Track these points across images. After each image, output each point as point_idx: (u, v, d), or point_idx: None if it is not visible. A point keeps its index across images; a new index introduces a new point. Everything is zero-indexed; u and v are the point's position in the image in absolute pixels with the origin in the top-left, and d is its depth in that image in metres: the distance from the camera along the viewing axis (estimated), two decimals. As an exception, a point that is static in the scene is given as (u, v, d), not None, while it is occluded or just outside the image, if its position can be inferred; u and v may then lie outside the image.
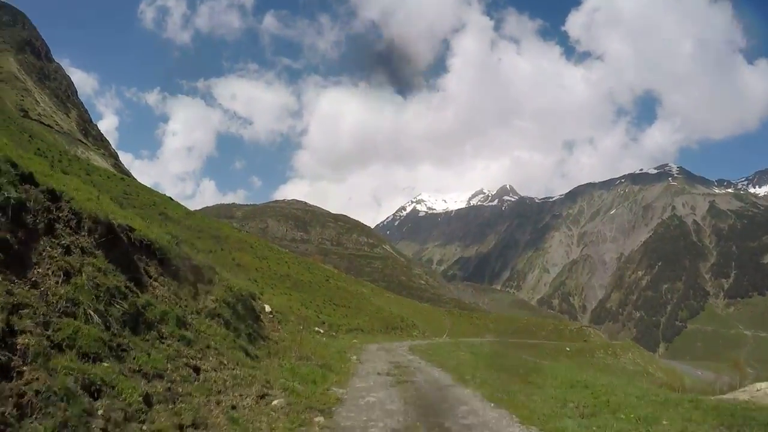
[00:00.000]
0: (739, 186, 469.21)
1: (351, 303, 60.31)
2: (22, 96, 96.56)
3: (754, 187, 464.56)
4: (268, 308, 20.38)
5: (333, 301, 54.77)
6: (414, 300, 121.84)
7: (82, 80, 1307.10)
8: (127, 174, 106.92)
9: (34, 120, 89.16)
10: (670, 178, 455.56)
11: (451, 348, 33.25)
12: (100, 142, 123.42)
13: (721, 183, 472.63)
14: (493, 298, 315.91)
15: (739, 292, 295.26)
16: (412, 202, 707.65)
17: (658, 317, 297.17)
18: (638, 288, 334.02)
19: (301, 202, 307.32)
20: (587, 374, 19.07)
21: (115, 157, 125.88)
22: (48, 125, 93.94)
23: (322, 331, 32.48)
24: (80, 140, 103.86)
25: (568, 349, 72.49)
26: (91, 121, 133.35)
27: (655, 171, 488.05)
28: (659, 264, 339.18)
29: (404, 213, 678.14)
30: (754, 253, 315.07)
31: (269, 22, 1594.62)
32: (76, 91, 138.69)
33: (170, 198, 72.67)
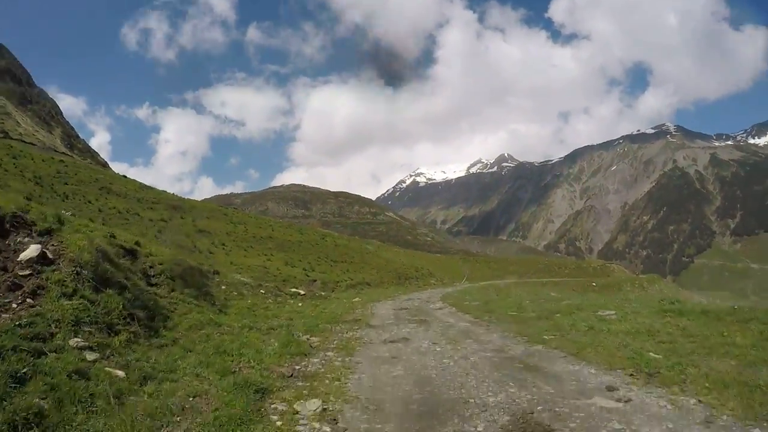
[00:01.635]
0: (739, 138, 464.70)
1: (353, 258, 53.10)
2: (2, 119, 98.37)
3: (754, 138, 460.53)
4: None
5: (330, 258, 47.76)
6: (424, 253, 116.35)
7: (71, 104, 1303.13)
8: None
9: (15, 139, 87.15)
10: (668, 136, 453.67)
11: (483, 291, 29.95)
12: (86, 152, 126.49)
13: (720, 137, 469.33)
14: (499, 247, 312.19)
15: (745, 229, 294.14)
16: (411, 175, 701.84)
17: (665, 254, 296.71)
18: (644, 230, 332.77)
19: (300, 185, 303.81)
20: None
21: (103, 164, 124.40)
22: (30, 143, 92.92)
23: (302, 292, 24.64)
24: (64, 152, 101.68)
25: (594, 284, 68.25)
26: (77, 136, 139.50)
27: (653, 130, 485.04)
28: (664, 209, 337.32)
29: (404, 185, 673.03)
30: (759, 196, 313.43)
31: (253, 33, 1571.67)
32: (61, 112, 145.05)
33: (123, 176, 68.39)
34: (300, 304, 20.26)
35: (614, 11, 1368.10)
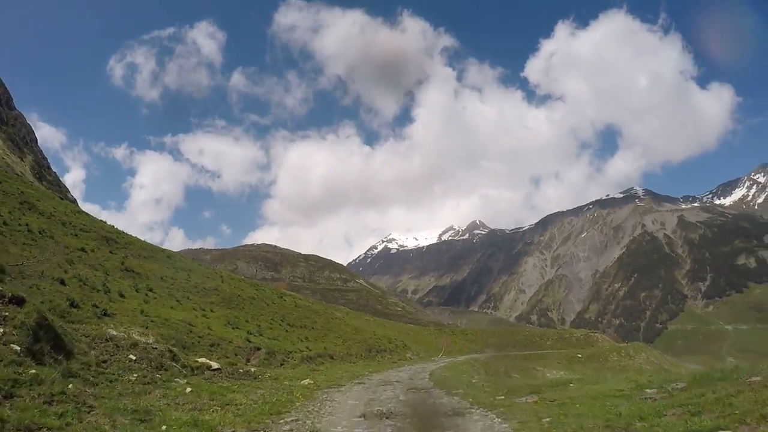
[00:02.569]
0: (705, 200, 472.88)
1: (316, 323, 44.64)
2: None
3: (719, 199, 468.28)
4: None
5: (286, 321, 39.22)
6: (396, 322, 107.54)
7: (50, 134, 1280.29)
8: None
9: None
10: (636, 200, 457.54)
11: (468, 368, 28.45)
12: (55, 186, 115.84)
13: (686, 199, 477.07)
14: (471, 318, 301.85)
15: (717, 291, 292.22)
16: (383, 241, 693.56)
17: (638, 322, 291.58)
18: (616, 298, 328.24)
19: (271, 245, 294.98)
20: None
21: (73, 201, 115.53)
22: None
23: (215, 366, 16.06)
24: (30, 182, 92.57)
25: (579, 355, 68.05)
26: (49, 168, 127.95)
27: (621, 195, 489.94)
28: (635, 275, 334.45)
29: (375, 251, 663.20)
30: (728, 257, 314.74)
31: (237, 79, 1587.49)
32: (36, 140, 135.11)
33: (61, 197, 63.04)
34: (188, 390, 11.98)
35: (588, 73, 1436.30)
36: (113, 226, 46.39)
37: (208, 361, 16.34)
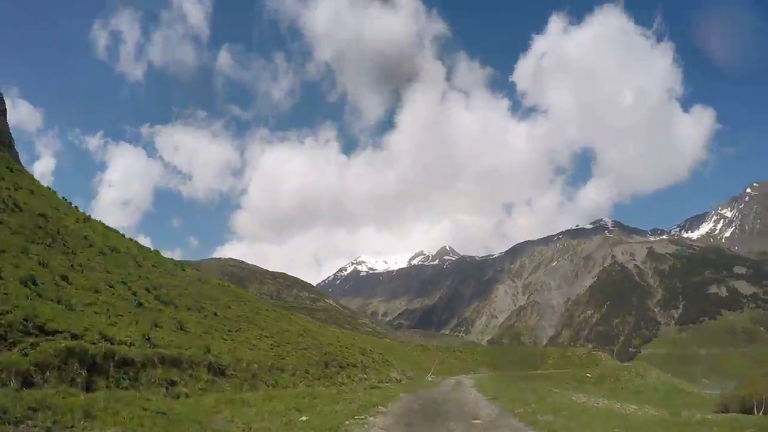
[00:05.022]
0: (673, 233, 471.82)
1: (224, 306, 28.45)
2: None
3: (687, 232, 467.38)
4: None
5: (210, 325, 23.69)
6: (370, 336, 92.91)
7: (28, 115, 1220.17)
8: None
9: None
10: (606, 231, 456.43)
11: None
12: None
13: (655, 232, 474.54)
14: (443, 341, 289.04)
15: (690, 318, 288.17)
16: (352, 263, 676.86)
17: (611, 347, 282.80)
18: (589, 324, 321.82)
19: (238, 260, 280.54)
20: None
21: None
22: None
23: None
24: None
25: (588, 375, 64.08)
26: (11, 146, 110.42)
27: (591, 226, 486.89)
28: (607, 303, 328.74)
29: (345, 273, 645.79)
30: (698, 286, 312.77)
31: (224, 59, 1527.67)
32: (5, 111, 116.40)
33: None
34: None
35: (576, 79, 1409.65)
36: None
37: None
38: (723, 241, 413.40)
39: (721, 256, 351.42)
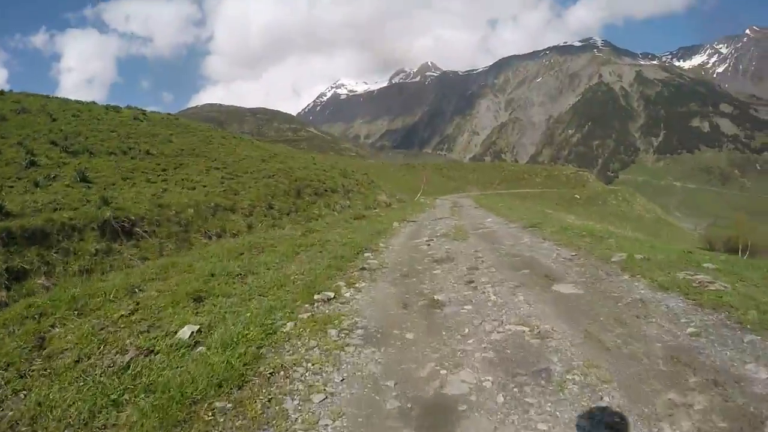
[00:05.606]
0: (664, 59, 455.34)
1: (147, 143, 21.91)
2: None
3: (679, 61, 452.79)
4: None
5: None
6: (353, 158, 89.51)
7: None
8: None
9: None
10: (595, 50, 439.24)
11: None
12: None
13: (645, 55, 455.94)
14: (426, 160, 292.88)
15: (668, 148, 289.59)
16: (332, 87, 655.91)
17: (590, 168, 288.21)
18: (569, 144, 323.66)
19: (216, 104, 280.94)
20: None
21: None
22: None
23: None
24: None
25: (577, 197, 63.91)
26: None
27: (580, 43, 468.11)
28: (589, 124, 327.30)
29: (325, 98, 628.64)
30: (682, 117, 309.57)
31: None
32: None
33: None
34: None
35: None
36: None
37: None
38: (714, 76, 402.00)
39: (710, 90, 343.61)
